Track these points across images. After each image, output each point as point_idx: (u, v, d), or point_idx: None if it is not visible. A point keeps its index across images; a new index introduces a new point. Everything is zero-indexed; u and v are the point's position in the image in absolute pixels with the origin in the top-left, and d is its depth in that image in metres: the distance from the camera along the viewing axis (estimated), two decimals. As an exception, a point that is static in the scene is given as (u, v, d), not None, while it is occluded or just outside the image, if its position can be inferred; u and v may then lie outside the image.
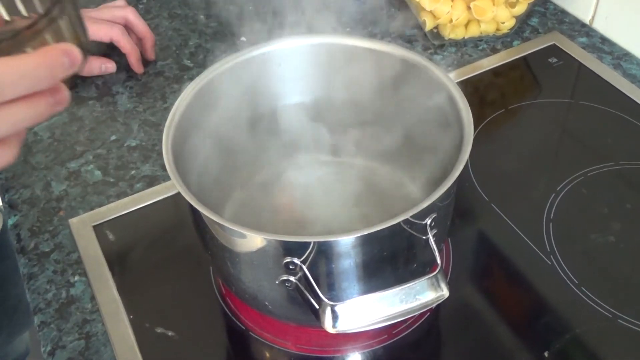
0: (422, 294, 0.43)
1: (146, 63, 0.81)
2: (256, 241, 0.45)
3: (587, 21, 0.83)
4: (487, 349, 0.53)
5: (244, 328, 0.55)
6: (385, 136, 0.59)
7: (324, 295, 0.43)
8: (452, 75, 0.77)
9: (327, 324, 0.43)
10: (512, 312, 0.55)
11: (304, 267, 0.44)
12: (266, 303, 0.50)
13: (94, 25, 0.77)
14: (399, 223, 0.43)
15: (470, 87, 0.76)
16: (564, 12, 0.85)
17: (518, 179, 0.65)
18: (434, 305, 0.44)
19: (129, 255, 0.61)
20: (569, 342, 0.52)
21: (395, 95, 0.57)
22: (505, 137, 0.71)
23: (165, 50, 0.83)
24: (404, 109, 0.57)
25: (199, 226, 0.50)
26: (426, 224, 0.46)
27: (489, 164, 0.67)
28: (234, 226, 0.44)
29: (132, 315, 0.56)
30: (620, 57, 0.78)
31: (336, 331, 0.43)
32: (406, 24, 0.85)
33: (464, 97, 0.51)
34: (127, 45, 0.77)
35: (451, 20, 0.78)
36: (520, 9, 0.79)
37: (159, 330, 0.55)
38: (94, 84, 0.79)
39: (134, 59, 0.78)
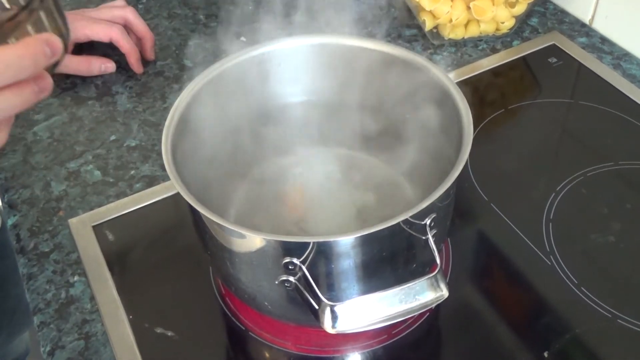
0: (422, 294, 0.43)
1: (146, 63, 0.81)
2: (255, 241, 0.45)
3: (587, 21, 0.83)
4: (486, 349, 0.53)
5: (244, 328, 0.55)
6: (385, 136, 0.59)
7: (323, 295, 0.43)
8: (451, 75, 0.77)
9: (327, 324, 0.43)
10: (512, 312, 0.55)
11: (304, 268, 0.44)
12: (266, 303, 0.50)
13: (93, 25, 0.77)
14: (398, 223, 0.43)
15: (470, 87, 0.76)
16: (563, 12, 0.85)
17: (518, 179, 0.65)
18: (434, 305, 0.44)
19: (128, 255, 0.61)
20: (568, 342, 0.52)
21: (395, 95, 0.57)
22: (504, 137, 0.71)
23: (165, 50, 0.83)
24: (404, 109, 0.57)
25: (199, 226, 0.50)
26: (426, 224, 0.46)
27: (488, 164, 0.67)
28: (234, 226, 0.44)
29: (131, 315, 0.56)
30: (620, 57, 0.78)
31: (335, 331, 0.43)
32: (406, 24, 0.85)
33: (464, 97, 0.51)
34: (126, 45, 0.77)
35: (451, 20, 0.78)
36: (520, 8, 0.79)
37: (159, 331, 0.55)
38: (93, 84, 0.79)
39: (133, 59, 0.78)
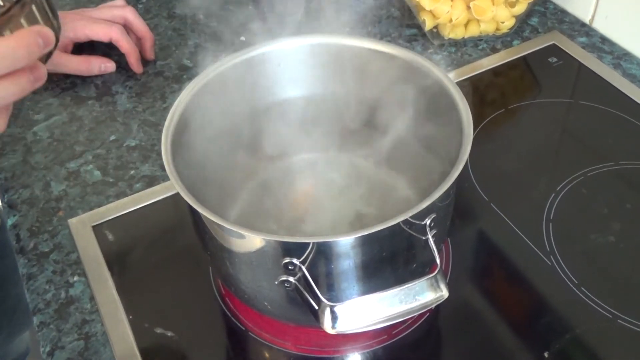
0: (422, 294, 0.43)
1: (145, 63, 0.81)
2: (255, 242, 0.45)
3: (587, 21, 0.83)
4: (487, 349, 0.52)
5: (244, 328, 0.55)
6: (385, 136, 0.59)
7: (323, 295, 0.43)
8: (451, 75, 0.77)
9: (327, 325, 0.43)
10: (512, 313, 0.55)
11: (303, 268, 0.44)
12: (265, 303, 0.50)
13: (93, 24, 0.77)
14: (398, 223, 0.43)
15: (470, 86, 0.76)
16: (563, 12, 0.85)
17: (518, 179, 0.65)
18: (434, 305, 0.44)
19: (128, 255, 0.61)
20: (569, 343, 0.52)
21: (395, 95, 0.57)
22: (505, 137, 0.71)
23: (165, 50, 0.83)
24: (404, 109, 0.57)
25: (198, 226, 0.50)
26: (426, 224, 0.46)
27: (488, 164, 0.66)
28: (233, 227, 0.44)
29: (131, 315, 0.56)
30: (620, 57, 0.78)
31: (335, 332, 0.42)
32: (406, 23, 0.85)
33: (464, 97, 0.51)
34: (126, 45, 0.77)
35: (451, 20, 0.78)
36: (520, 8, 0.79)
37: (159, 331, 0.55)
38: (93, 84, 0.79)
39: (133, 58, 0.78)
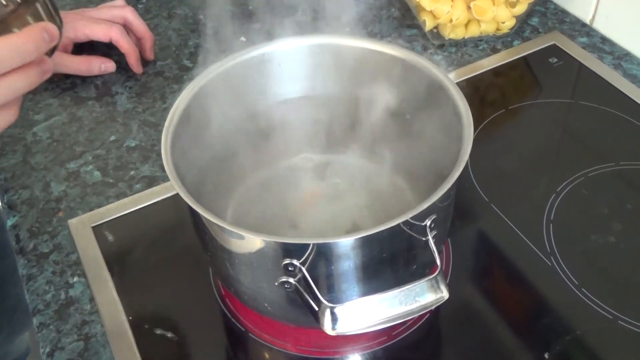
0: (422, 295, 0.43)
1: (145, 63, 0.80)
2: (255, 243, 0.45)
3: (587, 21, 0.83)
4: (487, 350, 0.52)
5: (244, 329, 0.55)
6: (385, 136, 0.59)
7: (323, 297, 0.43)
8: (452, 75, 0.77)
9: (327, 326, 0.42)
10: (512, 314, 0.55)
11: (303, 269, 0.44)
12: (265, 304, 0.50)
13: (93, 25, 0.77)
14: (398, 225, 0.43)
15: (470, 87, 0.76)
16: (564, 12, 0.85)
17: (518, 180, 0.65)
18: (434, 307, 0.44)
19: (128, 256, 0.61)
20: (569, 344, 0.52)
21: (395, 96, 0.57)
22: (505, 137, 0.71)
23: (165, 50, 0.83)
24: (404, 109, 0.57)
25: (198, 227, 0.50)
26: (426, 225, 0.46)
27: (489, 165, 0.66)
28: (233, 228, 0.44)
29: (131, 316, 0.56)
30: (620, 57, 0.78)
31: (335, 333, 0.42)
32: (406, 23, 0.85)
33: (464, 97, 0.51)
34: (126, 45, 0.77)
35: (451, 20, 0.78)
36: (521, 8, 0.79)
37: (159, 332, 0.55)
38: (93, 84, 0.79)
39: (133, 59, 0.78)
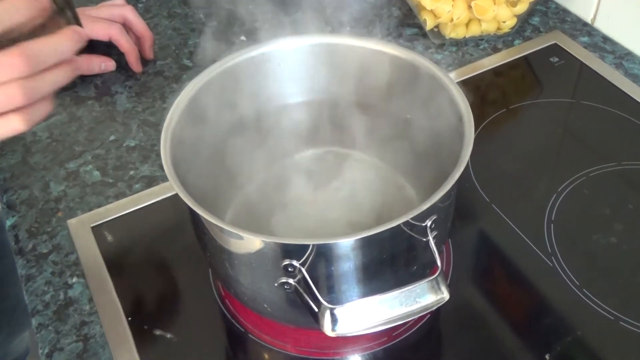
0: (423, 296, 0.43)
1: (145, 62, 0.80)
2: (255, 243, 0.45)
3: (588, 20, 0.83)
4: (487, 351, 0.52)
5: (243, 330, 0.54)
6: (385, 136, 0.59)
7: (323, 298, 0.43)
8: (452, 74, 0.76)
9: (327, 327, 0.42)
10: (513, 314, 0.54)
11: (303, 270, 0.44)
12: (265, 305, 0.50)
13: (92, 23, 0.76)
14: (399, 225, 0.43)
15: (471, 86, 0.75)
16: (565, 11, 0.85)
17: (519, 180, 0.65)
18: (435, 308, 0.44)
19: (127, 256, 0.61)
20: (570, 344, 0.52)
21: (396, 95, 0.57)
22: (506, 137, 0.70)
23: (165, 49, 0.83)
24: (404, 109, 0.57)
25: (198, 228, 0.49)
26: (426, 225, 0.45)
27: (489, 165, 0.66)
28: (233, 228, 0.44)
29: (130, 317, 0.56)
30: (622, 57, 0.77)
31: (335, 334, 0.42)
32: (406, 23, 0.84)
33: (465, 96, 0.50)
34: (125, 44, 0.77)
35: (452, 20, 0.77)
36: (522, 8, 0.79)
37: (158, 333, 0.55)
38: (93, 84, 0.78)
39: (132, 58, 0.78)
